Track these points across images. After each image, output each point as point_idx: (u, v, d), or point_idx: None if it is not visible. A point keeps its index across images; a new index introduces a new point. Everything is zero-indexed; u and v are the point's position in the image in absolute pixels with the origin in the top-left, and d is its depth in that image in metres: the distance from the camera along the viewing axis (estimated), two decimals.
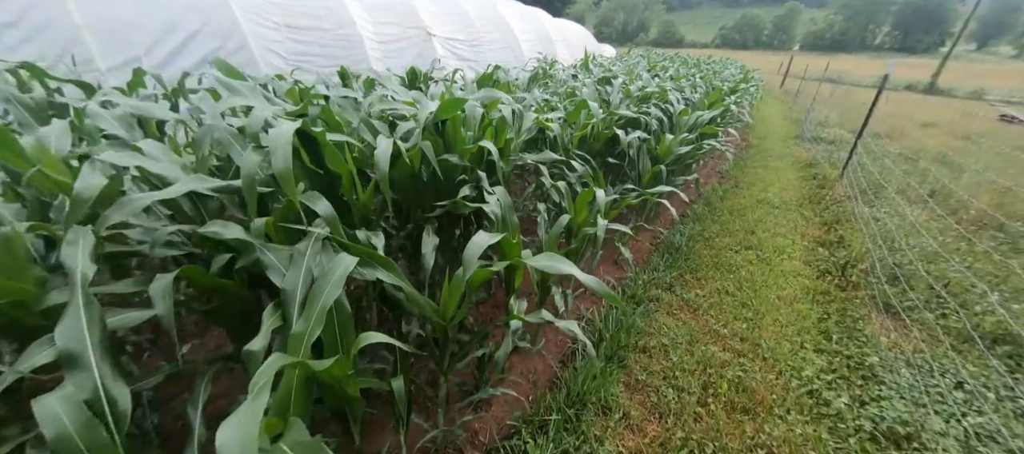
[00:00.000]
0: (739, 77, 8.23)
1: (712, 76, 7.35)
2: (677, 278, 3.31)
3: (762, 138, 9.04)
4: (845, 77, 25.69)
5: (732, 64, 13.65)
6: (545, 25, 11.95)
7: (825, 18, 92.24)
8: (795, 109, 13.47)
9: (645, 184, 3.45)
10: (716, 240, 3.99)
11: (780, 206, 4.93)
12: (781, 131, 9.95)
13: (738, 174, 6.37)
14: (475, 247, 1.38)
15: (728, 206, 4.92)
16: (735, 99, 4.97)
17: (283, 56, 5.69)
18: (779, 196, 5.30)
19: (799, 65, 22.78)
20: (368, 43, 6.81)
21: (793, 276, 3.36)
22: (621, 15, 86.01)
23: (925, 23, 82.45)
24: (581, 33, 14.97)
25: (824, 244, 3.94)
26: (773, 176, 6.19)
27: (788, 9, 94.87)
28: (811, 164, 6.80)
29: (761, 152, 7.86)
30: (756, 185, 5.79)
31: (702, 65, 9.03)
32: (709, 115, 3.91)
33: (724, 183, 5.89)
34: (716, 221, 4.47)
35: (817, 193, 5.29)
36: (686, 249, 3.72)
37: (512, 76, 5.39)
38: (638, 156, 3.49)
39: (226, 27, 5.12)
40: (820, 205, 4.93)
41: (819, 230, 4.28)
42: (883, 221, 4.35)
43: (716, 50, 58.55)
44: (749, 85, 7.48)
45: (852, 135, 10.28)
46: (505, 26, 10.37)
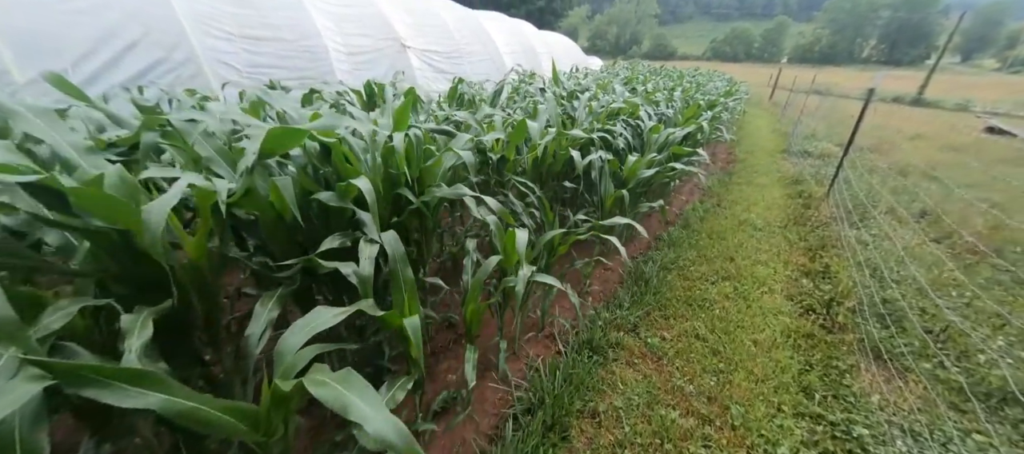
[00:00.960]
0: (723, 90, 7.92)
1: (694, 89, 7.03)
2: (643, 317, 2.91)
3: (749, 152, 8.72)
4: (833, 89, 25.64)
5: (719, 76, 13.43)
6: (529, 38, 11.69)
7: (813, 32, 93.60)
8: (783, 121, 13.23)
9: (607, 212, 3.07)
10: (691, 269, 3.60)
11: (763, 228, 4.56)
12: (769, 145, 9.65)
13: (722, 191, 6.01)
14: (297, 333, 0.97)
15: (708, 228, 4.54)
16: (713, 114, 4.63)
17: (237, 68, 5.31)
18: (763, 216, 4.94)
19: (788, 77, 22.70)
20: (335, 55, 6.45)
21: (773, 314, 2.97)
22: (614, 29, 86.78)
23: (911, 37, 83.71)
24: (567, 46, 14.73)
25: (808, 274, 3.56)
26: (758, 194, 5.83)
27: (777, 23, 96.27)
28: (797, 180, 6.46)
29: (747, 167, 7.53)
30: (739, 204, 5.43)
31: (685, 78, 8.73)
32: (681, 133, 3.55)
33: (706, 201, 5.52)
34: (693, 246, 4.08)
35: (802, 213, 4.93)
36: (657, 281, 3.32)
37: (489, 90, 5.04)
38: (600, 179, 3.11)
39: (171, 38, 4.74)
40: (805, 227, 4.56)
41: (803, 256, 3.90)
42: (871, 246, 3.99)
43: (707, 62, 58.92)
44: (730, 99, 7.15)
45: (839, 149, 10.02)
46: (487, 38, 10.08)
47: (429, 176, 1.95)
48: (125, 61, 4.43)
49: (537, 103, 3.81)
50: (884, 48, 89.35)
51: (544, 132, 3.00)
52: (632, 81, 6.01)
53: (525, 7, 34.54)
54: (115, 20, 4.43)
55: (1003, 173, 6.84)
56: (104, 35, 4.35)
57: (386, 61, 7.33)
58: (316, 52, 6.23)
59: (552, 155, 3.02)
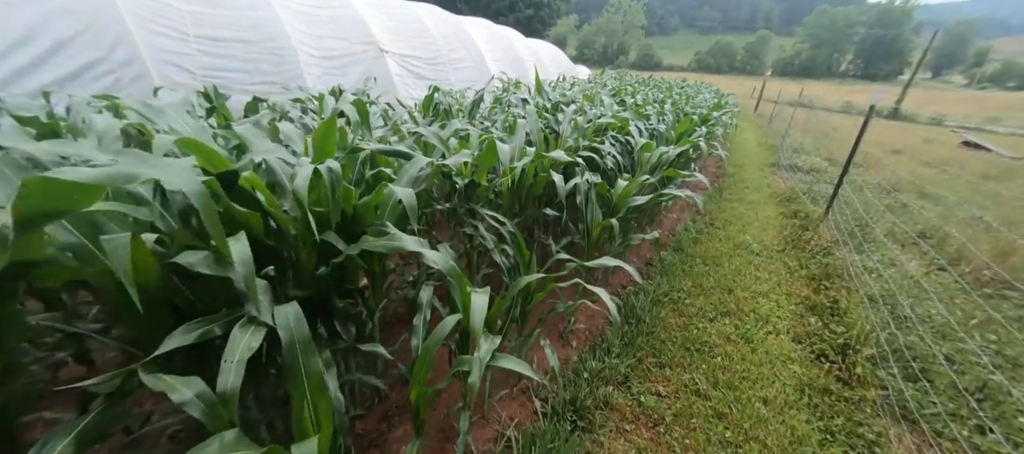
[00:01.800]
0: (712, 103, 7.64)
1: (684, 102, 6.72)
2: (635, 366, 2.50)
3: (739, 166, 8.47)
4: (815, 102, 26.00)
5: (706, 88, 13.28)
6: (515, 45, 11.34)
7: (793, 46, 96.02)
8: (770, 134, 13.11)
9: (594, 243, 2.66)
10: (686, 303, 3.21)
11: (760, 252, 4.22)
12: (757, 158, 9.43)
13: (714, 209, 5.68)
14: None
15: (702, 252, 4.18)
16: (706, 130, 4.29)
17: (191, 70, 4.79)
18: (759, 238, 4.60)
19: (772, 89, 22.88)
20: (305, 58, 5.97)
21: (782, 362, 2.59)
22: (602, 39, 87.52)
23: (885, 52, 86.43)
24: (554, 54, 14.44)
25: (815, 309, 3.20)
26: (751, 213, 5.51)
27: (759, 37, 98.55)
28: (790, 198, 6.18)
29: (738, 183, 7.24)
30: (733, 224, 5.10)
31: (674, 90, 8.46)
32: (675, 151, 3.17)
33: (698, 221, 5.18)
34: (688, 274, 3.71)
35: (800, 236, 4.61)
36: (650, 319, 2.92)
37: (471, 98, 4.61)
38: (586, 206, 2.70)
39: (111, 36, 4.21)
40: (805, 252, 4.23)
41: (807, 287, 3.55)
42: (878, 275, 3.66)
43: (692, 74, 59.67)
44: (722, 112, 6.86)
45: (828, 163, 9.84)
46: (471, 45, 9.68)
47: (367, 214, 1.51)
48: (55, 60, 3.89)
49: (517, 117, 3.40)
50: (860, 63, 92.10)
51: (522, 152, 2.59)
52: (620, 92, 5.67)
53: (513, 15, 34.32)
54: (41, 15, 3.89)
55: (990, 190, 6.67)
56: (28, 32, 3.80)
57: (362, 66, 6.86)
58: (284, 55, 5.74)
59: (532, 177, 2.61)
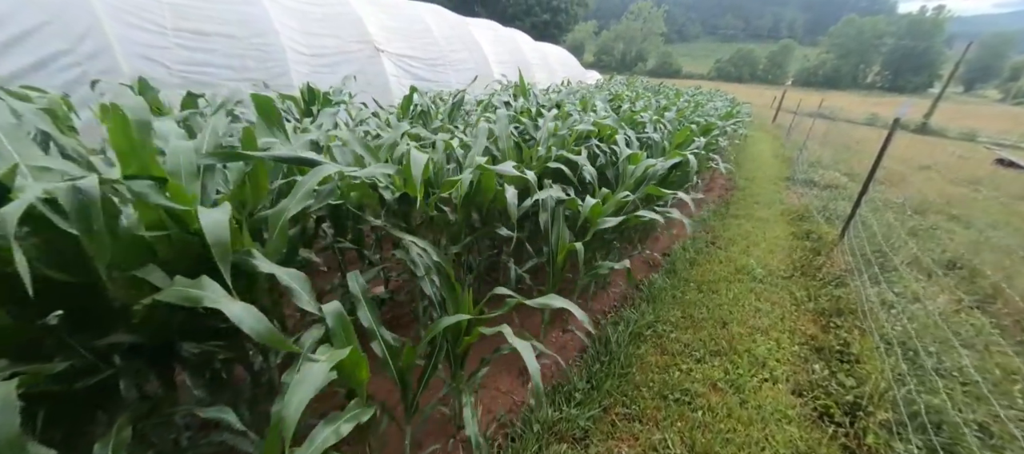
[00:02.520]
0: (723, 112, 7.16)
1: (691, 109, 6.27)
2: (599, 418, 2.12)
3: (750, 179, 7.94)
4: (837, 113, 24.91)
5: (721, 96, 12.73)
6: (522, 47, 11.01)
7: (818, 56, 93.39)
8: (787, 146, 12.46)
9: (558, 270, 2.28)
10: (672, 338, 2.80)
11: (764, 279, 3.76)
12: (772, 171, 8.87)
13: (718, 225, 5.23)
14: None
15: (698, 275, 3.75)
16: (707, 140, 3.86)
17: (167, 65, 4.59)
18: (764, 262, 4.14)
19: (792, 100, 21.99)
20: (293, 56, 5.75)
21: (777, 420, 2.16)
22: (620, 45, 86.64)
23: (914, 65, 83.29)
24: (564, 58, 14.05)
25: (822, 353, 2.75)
26: (759, 231, 5.04)
27: (782, 46, 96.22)
28: (803, 216, 5.67)
29: (748, 196, 6.74)
30: (737, 243, 4.64)
31: (682, 96, 7.99)
32: (664, 165, 2.77)
33: (699, 238, 4.74)
34: (678, 301, 3.29)
35: (811, 261, 4.13)
36: (625, 356, 2.53)
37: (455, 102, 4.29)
38: (552, 225, 2.33)
39: (80, 27, 4.03)
40: (815, 280, 3.76)
41: (814, 324, 3.09)
42: (898, 312, 3.18)
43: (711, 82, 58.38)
44: (730, 122, 6.37)
45: (847, 178, 9.18)
46: (475, 46, 9.40)
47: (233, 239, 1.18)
48: (16, 51, 3.71)
49: (491, 121, 3.05)
50: (888, 75, 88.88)
51: (490, 161, 2.24)
52: (619, 98, 5.27)
53: (529, 19, 34.06)
54: (6, 3, 3.72)
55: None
56: None
57: (354, 65, 6.62)
58: (270, 52, 5.52)
59: (491, 191, 2.25)
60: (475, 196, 2.24)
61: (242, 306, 0.83)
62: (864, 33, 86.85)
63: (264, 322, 0.82)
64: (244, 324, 0.80)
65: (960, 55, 34.19)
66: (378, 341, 1.50)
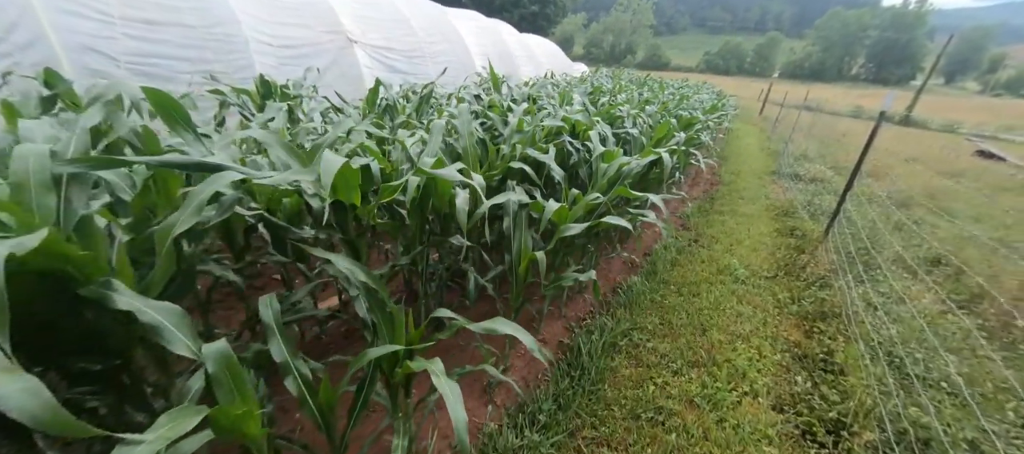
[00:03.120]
0: (708, 105, 6.99)
1: (676, 103, 6.09)
2: (565, 442, 1.93)
3: (735, 173, 7.82)
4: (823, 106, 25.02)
5: (708, 89, 12.60)
6: (506, 39, 10.72)
7: (803, 48, 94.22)
8: (773, 139, 12.40)
9: (521, 279, 2.08)
10: (648, 347, 2.62)
11: (747, 280, 3.60)
12: (757, 165, 8.76)
13: (701, 222, 5.07)
14: None
15: (678, 278, 3.58)
16: (687, 136, 3.66)
17: (112, 57, 4.26)
18: (747, 261, 3.99)
19: (778, 92, 22.01)
20: (256, 47, 5.42)
21: (756, 440, 1.99)
22: (610, 37, 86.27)
23: (897, 57, 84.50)
24: (550, 50, 13.77)
25: (805, 361, 2.60)
26: (743, 228, 4.89)
27: (768, 38, 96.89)
28: (788, 212, 5.54)
29: (733, 192, 6.61)
30: (720, 241, 4.49)
31: (667, 89, 7.81)
32: (639, 164, 2.57)
33: (681, 236, 4.57)
34: (657, 305, 3.11)
35: (795, 260, 3.99)
36: (596, 371, 2.34)
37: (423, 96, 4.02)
38: (514, 231, 2.12)
39: (10, 15, 3.68)
40: (799, 280, 3.61)
41: (797, 329, 2.94)
42: (884, 312, 3.05)
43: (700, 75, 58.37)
44: (715, 116, 6.20)
45: (833, 172, 9.12)
46: (456, 37, 9.09)
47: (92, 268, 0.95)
48: None
49: (452, 116, 2.82)
50: (872, 67, 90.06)
51: (438, 163, 2.01)
52: (599, 91, 5.04)
53: (518, 11, 33.57)
54: None
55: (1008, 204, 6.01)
56: None
57: (326, 57, 6.30)
58: (231, 42, 5.19)
59: (445, 195, 2.03)
60: (428, 201, 2.02)
61: (11, 379, 0.60)
62: (849, 26, 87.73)
63: (45, 402, 0.59)
64: (9, 404, 0.58)
65: (941, 48, 34.61)
66: (293, 376, 1.28)
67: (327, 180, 1.14)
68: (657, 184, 3.58)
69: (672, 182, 5.41)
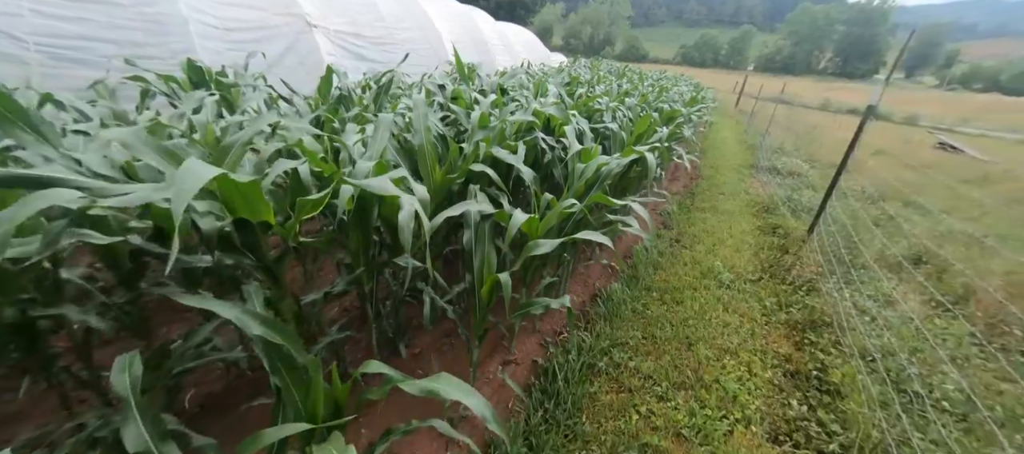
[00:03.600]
0: (688, 97, 6.78)
1: (656, 95, 5.84)
2: None
3: (714, 167, 7.69)
4: (795, 99, 25.57)
5: (686, 81, 12.48)
6: (481, 27, 10.25)
7: (775, 42, 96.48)
8: (750, 131, 12.42)
9: (484, 303, 1.76)
10: (630, 367, 2.36)
11: (732, 284, 3.39)
12: (735, 159, 8.67)
13: (682, 219, 4.87)
14: None
15: (661, 282, 3.34)
16: (669, 131, 3.39)
17: (20, 38, 3.68)
18: (731, 262, 3.79)
19: (753, 85, 22.27)
20: (198, 28, 4.85)
21: None
22: (588, 29, 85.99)
23: (862, 52, 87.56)
24: (527, 39, 13.35)
25: (798, 380, 2.39)
26: (724, 226, 4.71)
27: (742, 32, 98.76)
28: (768, 208, 5.40)
29: (712, 186, 6.45)
30: (702, 240, 4.28)
31: (646, 80, 7.57)
32: (620, 163, 2.28)
33: (663, 235, 4.35)
34: (640, 315, 2.86)
35: (779, 261, 3.81)
36: (572, 399, 2.06)
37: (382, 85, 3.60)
38: (475, 247, 1.80)
39: None
40: (785, 284, 3.43)
41: (787, 341, 2.74)
42: (873, 318, 2.89)
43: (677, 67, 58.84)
44: (695, 109, 5.99)
45: (809, 166, 9.17)
46: (427, 23, 8.60)
47: None
48: None
49: (409, 108, 2.45)
50: (838, 61, 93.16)
51: (381, 168, 1.66)
52: (576, 82, 4.74)
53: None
54: None
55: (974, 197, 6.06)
56: None
57: (281, 42, 5.76)
58: (166, 23, 4.61)
59: (393, 204, 1.69)
60: (372, 212, 1.67)
61: None
62: (817, 20, 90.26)
63: None
64: None
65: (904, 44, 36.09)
66: None
67: (181, 202, 0.79)
68: (639, 183, 3.32)
69: (652, 181, 5.19)
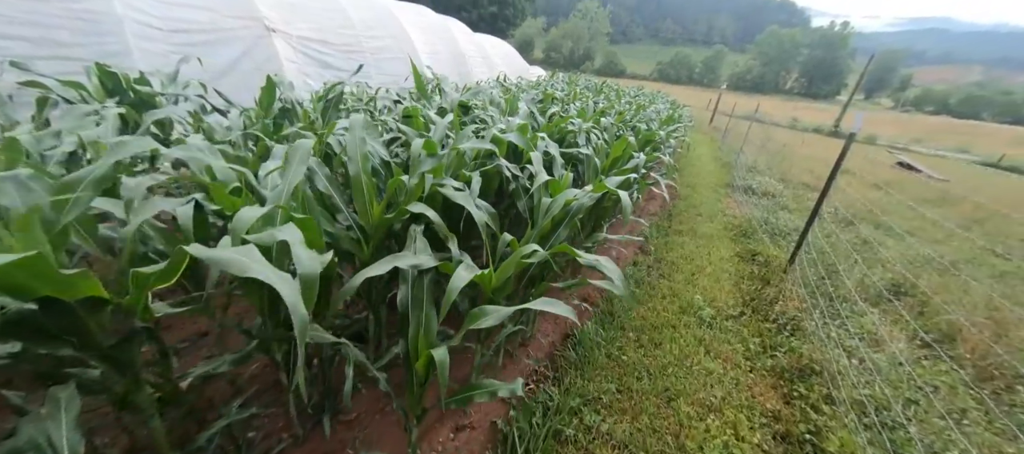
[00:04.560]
0: (665, 116, 6.63)
1: (633, 113, 5.64)
2: None
3: (691, 186, 7.56)
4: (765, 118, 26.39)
5: (661, 98, 12.50)
6: (457, 37, 9.96)
7: (746, 62, 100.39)
8: (724, 149, 12.51)
9: (421, 380, 1.40)
10: (602, 434, 2.03)
11: (713, 322, 3.13)
12: (712, 178, 8.60)
13: (660, 244, 4.62)
14: None
15: (639, 320, 3.04)
16: (646, 156, 3.12)
17: None
18: (711, 295, 3.53)
19: (727, 102, 22.78)
20: (137, 29, 4.35)
21: None
22: (569, 43, 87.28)
23: (825, 74, 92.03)
24: (505, 51, 13.15)
25: (789, 443, 2.11)
26: (703, 252, 4.49)
27: (715, 52, 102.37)
28: (747, 232, 5.24)
29: (690, 207, 6.28)
30: (681, 268, 4.03)
31: (622, 97, 7.40)
32: (593, 198, 1.97)
33: (641, 262, 4.08)
34: (613, 364, 2.54)
35: (761, 293, 3.59)
36: None
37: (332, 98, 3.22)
38: (411, 309, 1.44)
39: None
40: (769, 322, 3.19)
41: (775, 393, 2.47)
42: (861, 359, 2.67)
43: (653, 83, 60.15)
44: (673, 128, 5.82)
45: (783, 185, 9.20)
46: (401, 34, 8.24)
47: None
48: None
49: (324, 135, 2.08)
50: (804, 82, 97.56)
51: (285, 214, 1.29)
52: (550, 99, 4.46)
53: (477, 11, 32.79)
54: None
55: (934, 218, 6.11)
56: None
57: (235, 47, 5.29)
58: (98, 22, 4.11)
59: None
60: None
61: None
62: (784, 43, 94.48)
63: None
64: None
65: (864, 67, 38.04)
66: None
67: None
68: (615, 209, 3.02)
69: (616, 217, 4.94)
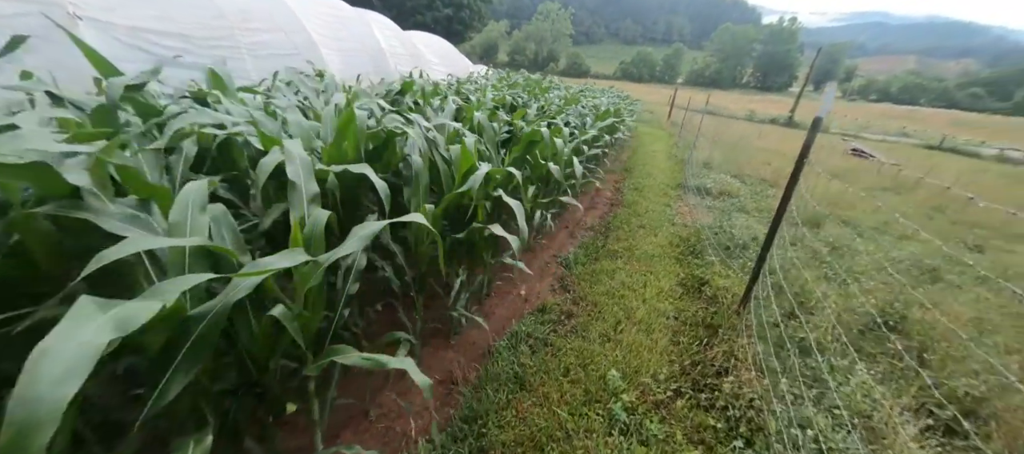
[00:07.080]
0: (602, 111, 5.58)
1: (560, 109, 4.55)
2: None
3: (639, 190, 6.57)
4: (721, 111, 26.35)
5: (611, 93, 11.58)
6: (375, 33, 8.66)
7: (704, 59, 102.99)
8: (680, 145, 11.72)
9: None
10: None
11: (631, 418, 2.03)
12: (663, 177, 7.66)
13: (585, 274, 3.54)
14: None
15: (511, 428, 1.91)
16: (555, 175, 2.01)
17: None
18: (636, 361, 2.44)
19: (683, 98, 22.38)
20: None
21: None
22: (532, 45, 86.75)
23: (777, 68, 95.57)
24: (442, 49, 11.88)
25: None
26: (639, 283, 3.42)
27: (674, 50, 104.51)
28: (695, 249, 4.23)
29: (633, 215, 5.26)
30: (604, 314, 2.94)
31: (551, 89, 6.33)
32: None
33: (551, 307, 2.97)
34: None
35: (705, 354, 2.52)
36: None
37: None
38: None
39: None
40: (713, 411, 2.12)
41: None
42: None
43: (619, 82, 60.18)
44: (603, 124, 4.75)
45: (738, 181, 8.38)
46: (294, 24, 6.88)
47: None
48: None
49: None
50: (758, 76, 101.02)
51: None
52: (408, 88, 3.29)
53: (431, 13, 31.33)
54: None
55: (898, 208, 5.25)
56: None
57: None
58: None
59: None
60: None
61: None
62: (738, 39, 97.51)
63: None
64: None
65: (812, 60, 39.26)
66: None
67: None
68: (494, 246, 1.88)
69: (540, 231, 3.81)
